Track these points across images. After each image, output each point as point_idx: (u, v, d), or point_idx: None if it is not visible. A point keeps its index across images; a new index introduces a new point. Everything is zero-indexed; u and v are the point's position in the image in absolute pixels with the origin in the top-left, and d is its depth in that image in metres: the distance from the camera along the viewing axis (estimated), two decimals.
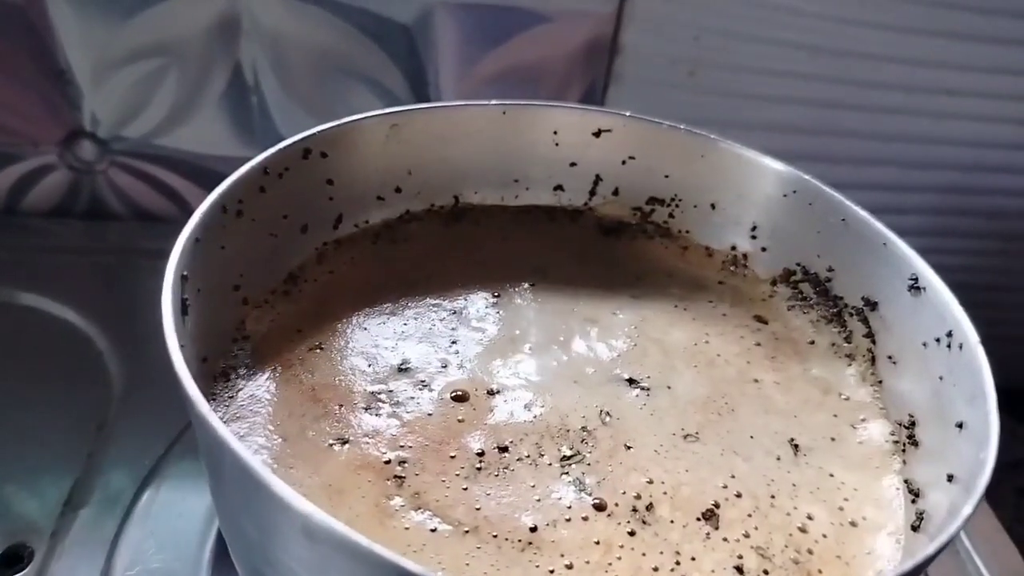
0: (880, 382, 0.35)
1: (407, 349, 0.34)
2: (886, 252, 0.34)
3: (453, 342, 0.35)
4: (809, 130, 0.58)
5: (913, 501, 0.30)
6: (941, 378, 0.31)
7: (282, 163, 0.35)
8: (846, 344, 0.37)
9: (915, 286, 0.33)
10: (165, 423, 0.43)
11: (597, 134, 0.41)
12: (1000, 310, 0.67)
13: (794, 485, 0.31)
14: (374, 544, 0.21)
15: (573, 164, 0.42)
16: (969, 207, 0.63)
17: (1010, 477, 0.62)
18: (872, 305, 0.36)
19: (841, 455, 0.32)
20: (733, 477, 0.31)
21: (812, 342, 0.37)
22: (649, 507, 0.29)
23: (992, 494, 0.54)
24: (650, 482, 0.30)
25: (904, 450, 0.32)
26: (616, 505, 0.29)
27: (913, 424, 0.32)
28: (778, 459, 0.32)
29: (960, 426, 0.29)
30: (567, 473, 0.30)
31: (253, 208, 0.34)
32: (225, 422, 0.30)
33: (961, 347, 0.30)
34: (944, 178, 0.61)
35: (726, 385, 0.35)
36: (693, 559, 0.28)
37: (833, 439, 0.33)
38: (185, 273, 0.29)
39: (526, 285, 0.39)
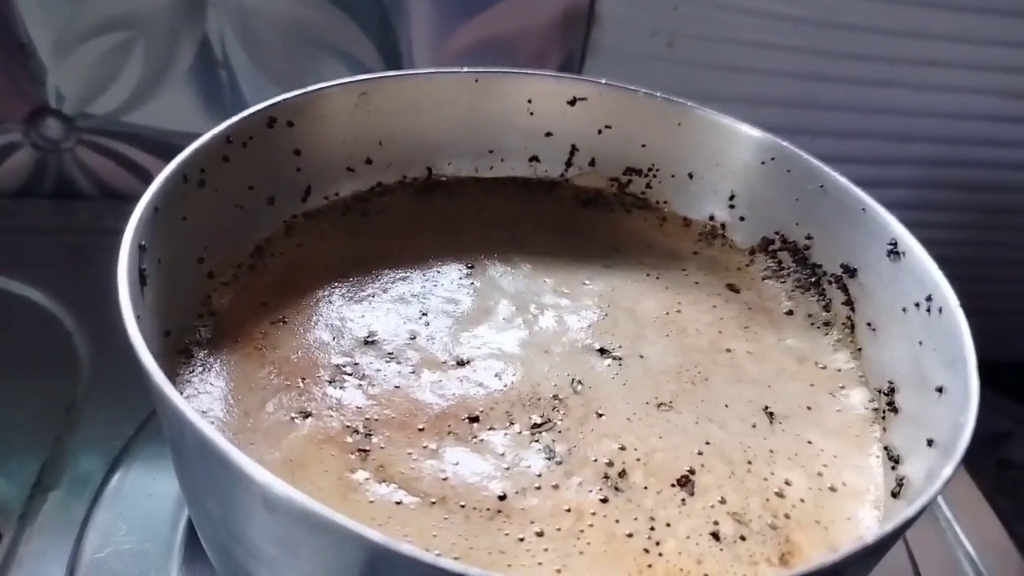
0: (859, 350, 0.34)
1: (375, 322, 0.33)
2: (865, 218, 0.34)
3: (423, 314, 0.34)
4: (790, 103, 0.57)
5: (893, 467, 0.30)
6: (921, 343, 0.30)
7: (246, 132, 0.34)
8: (824, 313, 0.36)
9: (894, 251, 0.32)
10: (135, 404, 0.42)
11: (572, 103, 0.40)
12: (982, 283, 0.66)
13: (771, 451, 0.30)
14: (336, 514, 0.20)
15: (548, 134, 0.41)
16: (952, 180, 0.62)
17: (990, 449, 0.62)
18: (851, 272, 0.35)
19: (819, 423, 0.32)
20: (708, 444, 0.30)
21: (789, 312, 0.37)
22: (622, 474, 0.28)
23: (973, 465, 0.54)
24: (622, 449, 0.29)
25: (884, 417, 0.32)
26: (587, 472, 0.28)
27: (893, 391, 0.32)
28: (754, 427, 0.31)
29: (940, 390, 0.28)
30: (537, 441, 0.29)
31: (216, 178, 0.33)
32: (187, 398, 0.29)
33: (941, 311, 0.29)
34: (927, 151, 0.61)
35: (698, 354, 0.34)
36: (668, 525, 0.27)
37: (809, 407, 0.33)
38: (143, 243, 0.28)
39: (499, 257, 0.38)
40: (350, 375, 0.31)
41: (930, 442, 0.27)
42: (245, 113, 0.34)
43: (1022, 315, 0.67)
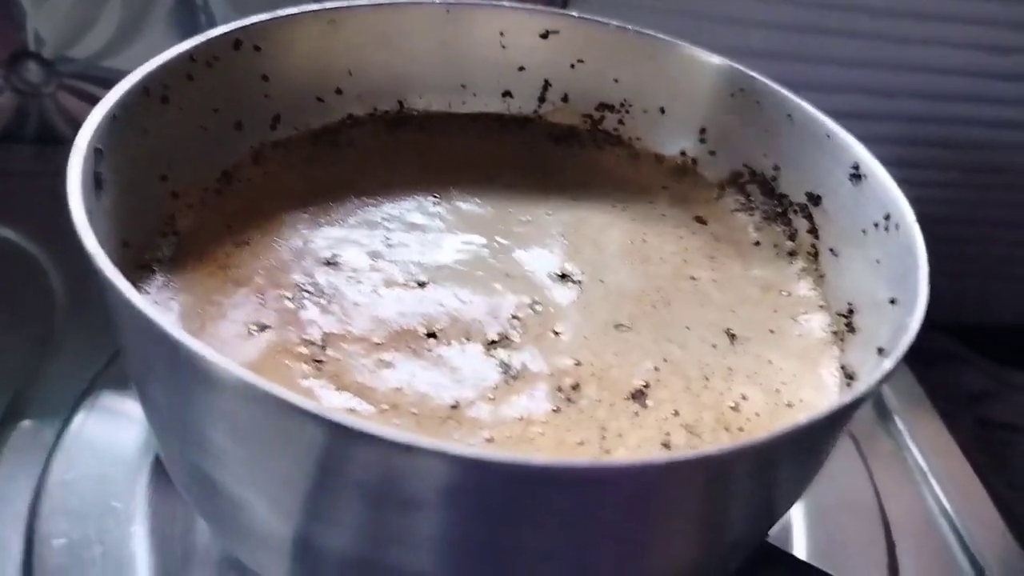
0: (822, 277, 0.34)
1: (337, 244, 0.33)
2: (829, 144, 0.34)
3: (387, 238, 0.34)
4: (772, 54, 0.57)
5: (848, 384, 0.30)
6: (878, 261, 0.30)
7: (211, 52, 0.34)
8: (789, 242, 0.36)
9: (856, 174, 0.32)
10: (107, 339, 0.42)
11: (544, 36, 0.40)
12: (964, 244, 0.66)
13: (730, 369, 0.30)
14: (269, 383, 0.20)
15: (521, 68, 0.41)
16: (935, 137, 0.62)
17: (970, 408, 0.62)
18: (815, 200, 0.35)
19: (780, 345, 0.32)
20: (665, 361, 0.30)
21: (756, 243, 0.37)
22: (575, 387, 0.29)
23: (953, 424, 0.54)
24: (578, 364, 0.29)
25: (843, 339, 0.32)
26: (541, 385, 0.28)
27: (851, 312, 0.32)
28: (714, 347, 0.31)
29: (892, 302, 0.28)
30: (493, 356, 0.29)
31: (179, 96, 0.33)
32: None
33: (898, 227, 0.29)
34: (910, 106, 0.60)
35: (661, 281, 0.34)
36: (620, 435, 0.27)
37: (772, 331, 0.33)
38: (100, 147, 0.28)
39: (468, 189, 0.38)
40: (310, 293, 0.31)
41: (880, 350, 0.27)
42: (210, 33, 0.34)
43: (1004, 277, 0.67)
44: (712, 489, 0.23)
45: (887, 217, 0.30)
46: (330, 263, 0.33)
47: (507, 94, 0.42)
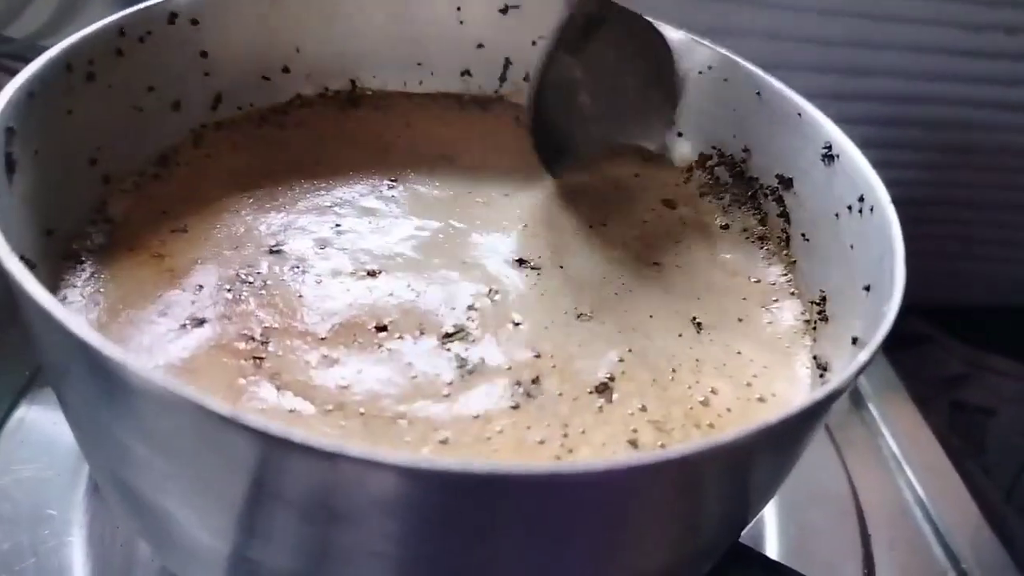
0: (793, 263, 0.33)
1: (282, 231, 0.31)
2: (800, 123, 0.32)
3: (337, 224, 0.32)
4: (744, 32, 0.55)
5: (821, 376, 0.28)
6: (852, 247, 0.29)
7: (143, 26, 0.32)
8: (760, 227, 0.35)
9: (828, 155, 0.31)
10: None
11: (504, 11, 0.38)
12: (940, 226, 0.65)
13: (698, 360, 0.29)
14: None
15: (480, 46, 0.39)
16: (912, 117, 0.61)
17: (945, 391, 0.62)
18: (787, 183, 0.33)
19: (749, 335, 0.30)
20: (630, 351, 0.28)
21: (725, 226, 0.35)
22: (536, 381, 0.27)
23: (928, 408, 0.53)
24: (538, 356, 0.28)
25: (815, 328, 0.30)
26: (499, 380, 0.27)
27: (824, 300, 0.30)
28: (680, 336, 0.30)
29: (867, 289, 0.27)
30: (448, 350, 0.27)
31: (108, 73, 0.30)
32: (68, 302, 0.27)
33: (872, 209, 0.28)
34: (887, 86, 0.59)
35: (624, 267, 0.32)
36: (583, 432, 0.26)
37: (740, 320, 0.31)
38: (12, 126, 0.25)
39: (426, 172, 0.36)
40: (251, 283, 0.29)
41: (854, 340, 0.26)
42: (142, 5, 0.31)
43: (979, 259, 0.66)
44: (682, 492, 0.21)
45: (861, 199, 0.28)
46: (274, 251, 0.31)
47: (466, 73, 0.40)
